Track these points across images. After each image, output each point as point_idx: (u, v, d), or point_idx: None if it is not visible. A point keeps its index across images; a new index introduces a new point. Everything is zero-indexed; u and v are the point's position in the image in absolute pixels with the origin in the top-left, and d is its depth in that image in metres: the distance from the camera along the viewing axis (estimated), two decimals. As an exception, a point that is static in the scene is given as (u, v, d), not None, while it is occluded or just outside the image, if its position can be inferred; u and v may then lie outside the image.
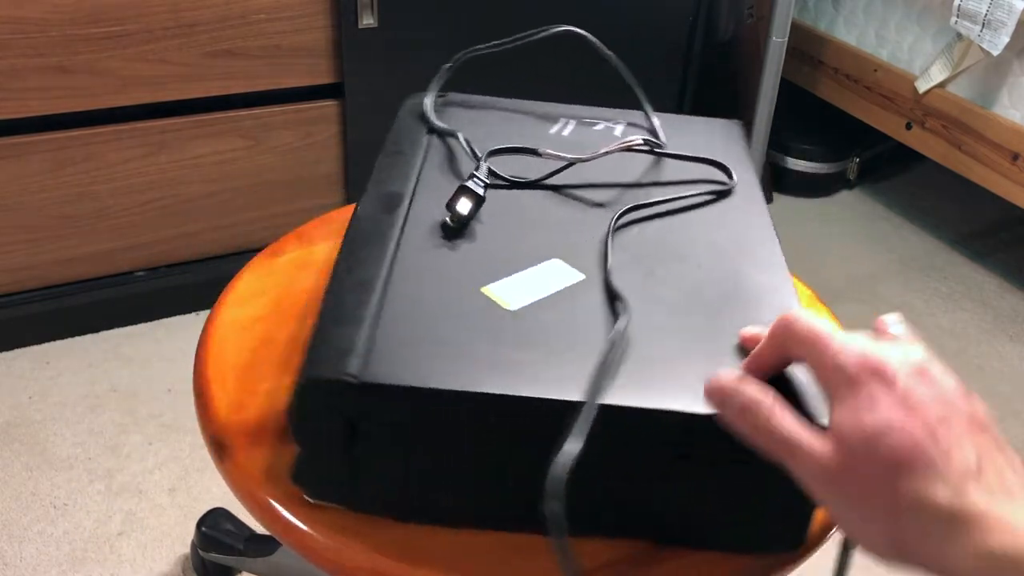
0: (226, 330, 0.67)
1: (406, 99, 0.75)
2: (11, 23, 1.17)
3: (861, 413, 0.40)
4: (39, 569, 1.07)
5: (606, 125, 0.75)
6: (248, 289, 0.71)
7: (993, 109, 1.58)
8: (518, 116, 0.75)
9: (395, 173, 0.64)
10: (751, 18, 1.85)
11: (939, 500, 0.37)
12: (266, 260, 0.74)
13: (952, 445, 0.38)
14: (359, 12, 1.32)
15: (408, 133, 0.70)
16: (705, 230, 0.62)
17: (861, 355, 0.41)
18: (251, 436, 0.58)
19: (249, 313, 0.68)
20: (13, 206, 1.29)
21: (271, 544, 0.99)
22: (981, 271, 1.78)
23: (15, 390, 1.32)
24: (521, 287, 0.55)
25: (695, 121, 0.78)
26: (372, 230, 0.58)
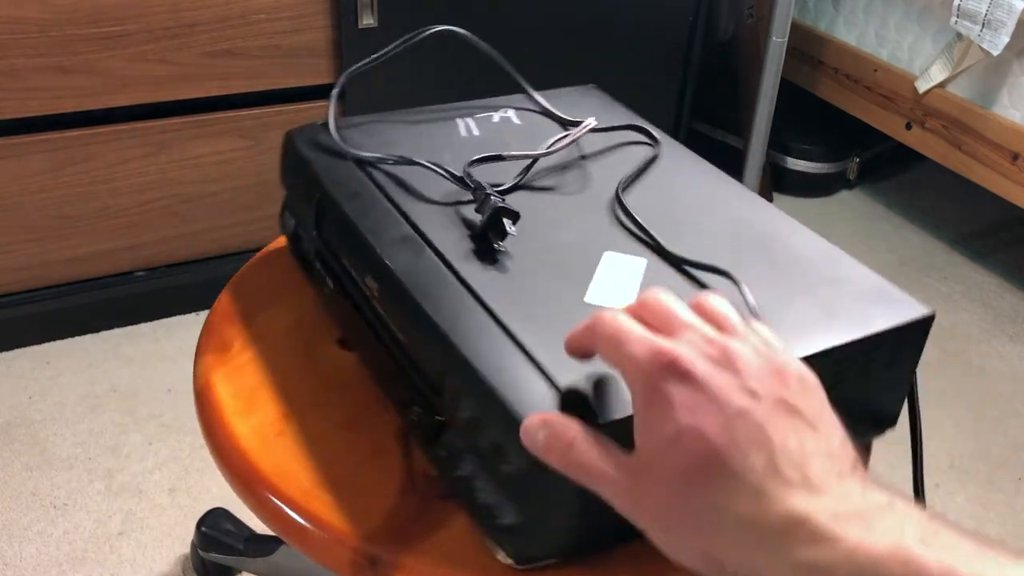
0: (227, 327, 0.67)
1: (292, 135, 0.68)
2: (11, 23, 1.17)
3: (654, 422, 0.37)
4: (39, 569, 1.07)
5: (501, 115, 0.75)
6: (248, 288, 0.71)
7: (993, 109, 1.58)
8: (416, 126, 0.71)
9: (378, 217, 0.59)
10: (751, 18, 1.84)
11: (740, 509, 0.35)
12: (266, 260, 0.74)
13: (751, 442, 0.36)
14: (359, 12, 1.32)
15: (335, 171, 0.63)
16: (677, 183, 0.66)
17: (654, 353, 0.38)
18: (251, 435, 0.58)
19: (251, 310, 0.68)
20: (13, 206, 1.29)
21: (271, 544, 0.99)
22: (981, 271, 1.78)
23: (15, 390, 1.32)
24: (610, 288, 0.54)
25: (561, 93, 0.80)
26: (429, 282, 0.53)
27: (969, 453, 1.33)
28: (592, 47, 1.55)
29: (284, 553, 0.96)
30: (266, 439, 0.57)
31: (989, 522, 1.23)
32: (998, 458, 1.33)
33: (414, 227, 0.58)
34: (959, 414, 1.40)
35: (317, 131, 0.68)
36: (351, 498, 0.53)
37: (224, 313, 0.68)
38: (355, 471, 0.55)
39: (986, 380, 1.47)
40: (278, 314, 0.67)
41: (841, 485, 0.36)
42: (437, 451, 0.53)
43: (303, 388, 0.61)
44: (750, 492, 0.35)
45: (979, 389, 1.45)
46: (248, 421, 0.59)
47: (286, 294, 0.69)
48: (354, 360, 0.63)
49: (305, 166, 0.64)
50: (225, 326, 0.67)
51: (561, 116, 0.74)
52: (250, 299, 0.69)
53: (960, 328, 1.59)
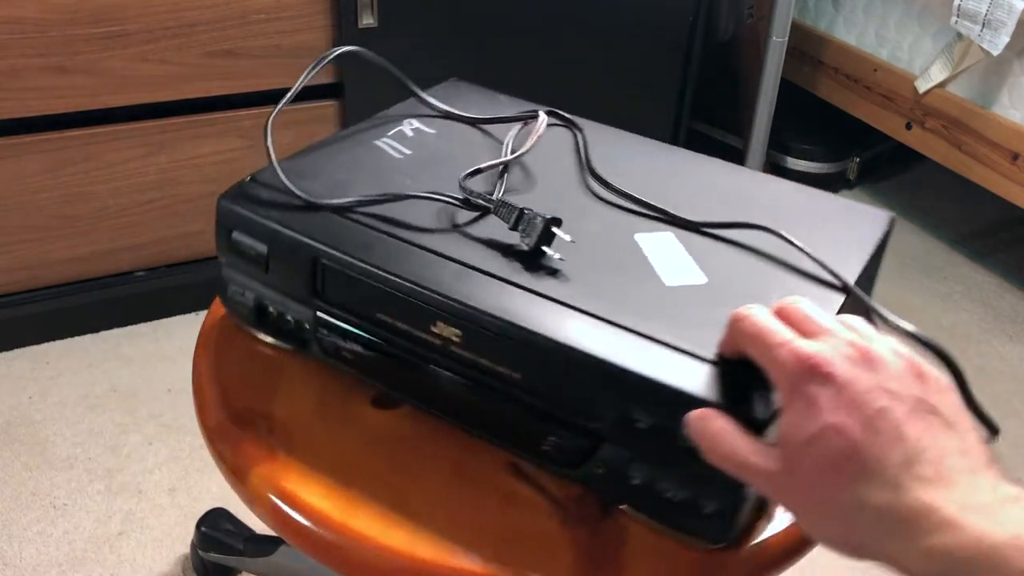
0: (226, 327, 0.67)
1: (228, 203, 0.60)
2: (11, 23, 1.17)
3: (799, 420, 0.40)
4: (39, 569, 1.07)
5: (410, 127, 0.72)
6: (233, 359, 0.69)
7: (993, 109, 1.58)
8: (344, 159, 0.66)
9: (410, 260, 0.55)
10: (751, 18, 1.84)
11: (878, 501, 0.38)
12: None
13: (890, 439, 0.39)
14: (359, 12, 1.32)
15: (315, 227, 0.58)
16: (629, 156, 0.69)
17: (797, 356, 0.41)
18: (251, 434, 0.58)
19: (248, 394, 0.67)
20: (13, 206, 1.29)
21: (271, 544, 0.99)
22: (981, 271, 1.78)
23: (15, 390, 1.32)
24: (673, 267, 0.57)
25: (436, 91, 0.79)
26: (523, 308, 0.52)
27: (969, 453, 1.33)
28: (592, 47, 1.55)
29: (284, 553, 0.96)
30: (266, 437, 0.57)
31: (989, 522, 1.23)
32: (998, 458, 1.33)
33: (455, 261, 0.55)
34: (959, 414, 1.40)
35: (253, 189, 0.61)
36: (498, 547, 0.52)
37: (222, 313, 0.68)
38: (485, 518, 0.53)
39: (986, 380, 1.47)
40: (284, 388, 0.62)
41: (973, 480, 0.38)
42: (591, 470, 0.53)
43: (362, 456, 0.57)
44: (887, 485, 0.38)
45: (979, 389, 1.45)
46: (248, 419, 0.59)
47: (275, 365, 0.64)
48: (401, 415, 0.59)
49: (270, 231, 0.58)
50: (224, 326, 0.67)
51: (464, 115, 0.73)
52: (236, 370, 0.64)
53: (960, 328, 1.59)
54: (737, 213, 0.61)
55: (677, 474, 0.50)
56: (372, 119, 0.72)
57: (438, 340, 0.54)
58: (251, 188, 0.61)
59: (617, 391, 0.49)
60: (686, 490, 0.50)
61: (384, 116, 0.73)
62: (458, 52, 1.44)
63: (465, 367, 0.54)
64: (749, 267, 0.58)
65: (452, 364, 0.55)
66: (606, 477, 0.52)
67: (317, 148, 0.67)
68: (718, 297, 0.54)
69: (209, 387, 0.62)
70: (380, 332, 0.57)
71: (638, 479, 0.51)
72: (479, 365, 0.53)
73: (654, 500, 0.51)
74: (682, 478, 0.49)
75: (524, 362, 0.52)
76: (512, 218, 0.56)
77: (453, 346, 0.53)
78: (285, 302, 0.61)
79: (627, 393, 0.48)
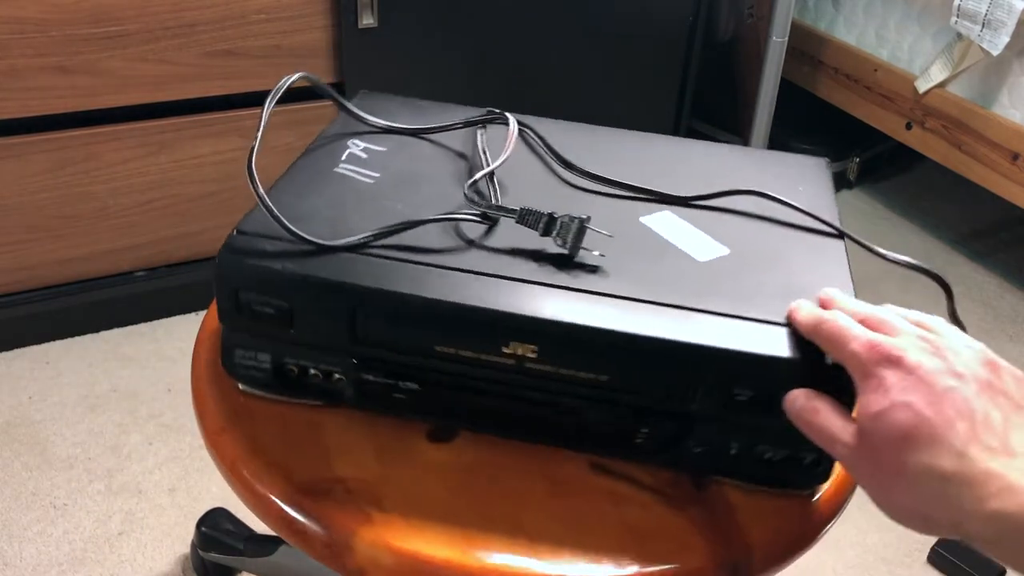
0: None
1: (229, 263, 0.54)
2: (11, 23, 1.17)
3: (872, 398, 0.44)
4: (39, 569, 1.07)
5: (360, 145, 0.70)
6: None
7: (993, 109, 1.58)
8: (321, 191, 0.62)
9: (455, 286, 0.54)
10: (751, 18, 1.84)
11: (944, 467, 0.41)
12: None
13: (956, 413, 0.42)
14: (359, 12, 1.32)
15: (340, 270, 0.54)
16: (585, 143, 0.71)
17: (869, 343, 0.46)
18: (251, 434, 0.58)
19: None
20: (13, 206, 1.29)
21: (271, 544, 0.99)
22: (981, 271, 1.78)
23: (15, 390, 1.32)
24: (693, 244, 0.60)
25: (354, 104, 0.75)
26: (595, 310, 0.53)
27: (969, 453, 1.33)
28: (592, 47, 1.55)
29: (284, 553, 0.96)
30: (266, 437, 0.57)
31: (989, 522, 1.23)
32: None
33: (508, 278, 0.54)
34: (959, 414, 1.40)
35: (246, 243, 0.55)
36: (629, 545, 0.53)
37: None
38: (602, 521, 0.54)
39: (986, 380, 1.47)
40: (335, 447, 0.58)
41: None
42: (688, 451, 0.55)
43: (450, 493, 0.55)
44: (952, 454, 0.41)
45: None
46: (247, 419, 0.58)
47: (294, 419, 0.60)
48: (462, 444, 0.58)
49: (295, 282, 0.53)
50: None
51: (406, 128, 0.71)
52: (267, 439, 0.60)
53: (960, 328, 1.59)
54: (708, 181, 0.66)
55: (776, 436, 0.53)
56: (314, 145, 0.68)
57: (511, 360, 0.53)
58: (244, 242, 0.55)
59: (716, 372, 0.51)
60: (785, 448, 0.54)
61: (324, 139, 0.69)
62: (458, 52, 1.44)
63: (541, 381, 0.54)
64: (753, 230, 0.63)
65: (526, 381, 0.54)
66: (703, 454, 0.55)
67: (282, 188, 0.62)
68: (748, 264, 0.59)
69: (208, 389, 0.62)
70: (440, 364, 0.55)
71: (736, 448, 0.54)
72: (558, 376, 0.53)
73: (752, 464, 0.55)
74: (781, 438, 0.53)
75: (611, 364, 0.53)
76: (541, 224, 0.57)
77: (528, 363, 0.53)
78: (313, 357, 0.57)
79: (728, 372, 0.51)
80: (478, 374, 0.55)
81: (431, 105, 0.75)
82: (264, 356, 0.57)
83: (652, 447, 0.55)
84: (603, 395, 0.54)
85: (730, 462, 0.55)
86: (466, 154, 0.68)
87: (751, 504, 0.56)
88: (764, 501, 0.56)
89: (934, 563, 1.16)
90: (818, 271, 0.59)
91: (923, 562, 1.16)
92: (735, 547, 0.53)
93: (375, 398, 0.57)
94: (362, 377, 0.57)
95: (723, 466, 0.56)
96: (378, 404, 0.58)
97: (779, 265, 0.59)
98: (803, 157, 0.74)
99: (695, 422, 0.54)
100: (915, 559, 1.17)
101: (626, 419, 0.55)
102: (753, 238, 0.62)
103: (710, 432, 0.54)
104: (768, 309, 0.53)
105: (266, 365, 0.58)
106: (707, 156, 0.73)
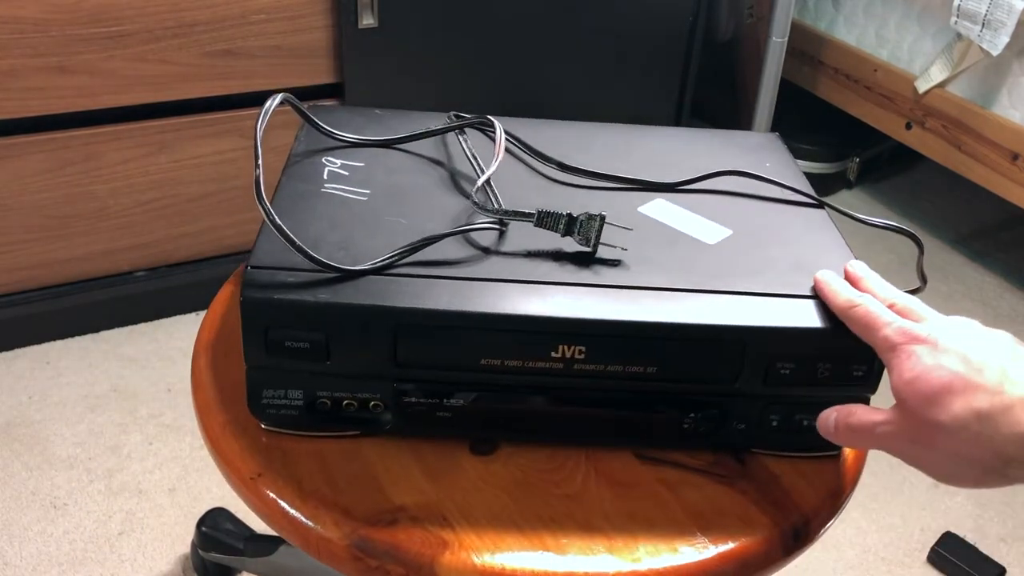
0: (224, 328, 0.67)
1: (258, 301, 0.52)
2: (11, 23, 1.17)
3: (905, 366, 0.48)
4: (39, 569, 1.07)
5: (336, 161, 0.68)
6: None
7: (993, 109, 1.58)
8: (314, 212, 0.60)
9: (496, 297, 0.54)
10: (751, 18, 1.84)
11: (981, 406, 0.45)
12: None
13: (984, 363, 0.46)
14: (359, 12, 1.32)
15: (375, 294, 0.53)
16: (559, 139, 0.72)
17: (900, 329, 0.50)
18: (292, 475, 0.56)
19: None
20: (13, 206, 1.29)
21: (271, 544, 0.99)
22: (981, 271, 1.78)
23: (15, 390, 1.32)
24: (695, 228, 0.62)
25: (316, 112, 0.74)
26: (637, 307, 0.54)
27: (969, 453, 1.33)
28: (592, 47, 1.55)
29: (284, 553, 0.96)
30: (265, 436, 0.57)
31: (988, 521, 1.23)
32: None
33: (535, 283, 0.55)
34: (959, 414, 1.40)
35: (264, 277, 0.53)
36: (696, 527, 0.55)
37: (221, 312, 0.68)
38: (666, 509, 0.56)
39: (986, 380, 1.47)
40: (383, 475, 0.57)
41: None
42: (732, 429, 0.58)
43: (514, 504, 0.55)
44: (988, 394, 0.45)
45: (979, 389, 1.45)
46: (247, 418, 0.58)
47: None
48: (506, 453, 0.59)
49: (332, 312, 0.52)
50: (222, 325, 0.66)
51: (376, 140, 0.70)
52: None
53: (960, 328, 1.59)
54: (681, 165, 0.69)
55: (813, 403, 0.56)
56: (289, 165, 0.66)
57: (560, 364, 0.54)
58: (262, 277, 0.53)
59: (762, 349, 0.54)
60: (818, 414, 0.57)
61: (296, 158, 0.67)
62: (458, 53, 1.44)
63: (590, 380, 0.55)
64: (744, 209, 0.66)
65: (574, 382, 0.55)
66: (745, 430, 0.58)
67: (277, 215, 0.58)
68: (754, 242, 0.61)
69: (209, 389, 0.62)
70: (485, 377, 0.55)
71: (776, 420, 0.57)
72: (606, 373, 0.54)
73: (791, 433, 0.58)
74: (817, 405, 0.55)
75: (659, 355, 0.54)
76: (561, 225, 0.57)
77: (576, 364, 0.54)
78: (349, 387, 0.55)
79: (772, 348, 0.54)
80: (524, 382, 0.55)
81: (389, 114, 0.74)
82: (296, 393, 0.55)
83: (701, 431, 0.58)
84: (652, 386, 0.56)
85: (770, 434, 0.58)
86: (443, 161, 0.68)
87: (791, 470, 0.59)
88: (801, 466, 0.59)
89: (934, 563, 1.16)
90: (817, 242, 0.63)
91: (923, 562, 1.16)
92: (791, 512, 0.57)
93: (417, 420, 0.57)
94: (404, 401, 0.56)
95: (764, 439, 0.59)
96: (420, 426, 0.57)
97: (780, 239, 0.62)
98: (755, 134, 0.78)
99: (739, 400, 0.57)
100: (915, 559, 1.17)
101: (675, 407, 0.57)
102: (746, 216, 0.65)
103: (752, 408, 0.57)
104: (791, 283, 0.57)
105: (298, 402, 0.56)
106: (669, 140, 0.75)
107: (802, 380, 0.55)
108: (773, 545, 0.55)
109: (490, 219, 0.59)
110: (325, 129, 0.70)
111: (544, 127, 0.74)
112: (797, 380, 0.55)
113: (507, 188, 0.64)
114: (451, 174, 0.66)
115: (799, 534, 0.56)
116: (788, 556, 0.55)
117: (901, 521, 1.22)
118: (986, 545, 1.19)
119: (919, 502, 1.25)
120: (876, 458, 0.66)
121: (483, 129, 0.72)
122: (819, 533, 0.57)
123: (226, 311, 0.69)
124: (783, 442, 0.59)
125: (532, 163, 0.69)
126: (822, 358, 0.55)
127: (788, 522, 0.56)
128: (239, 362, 0.63)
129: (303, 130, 0.70)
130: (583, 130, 0.75)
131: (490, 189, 0.63)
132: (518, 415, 0.57)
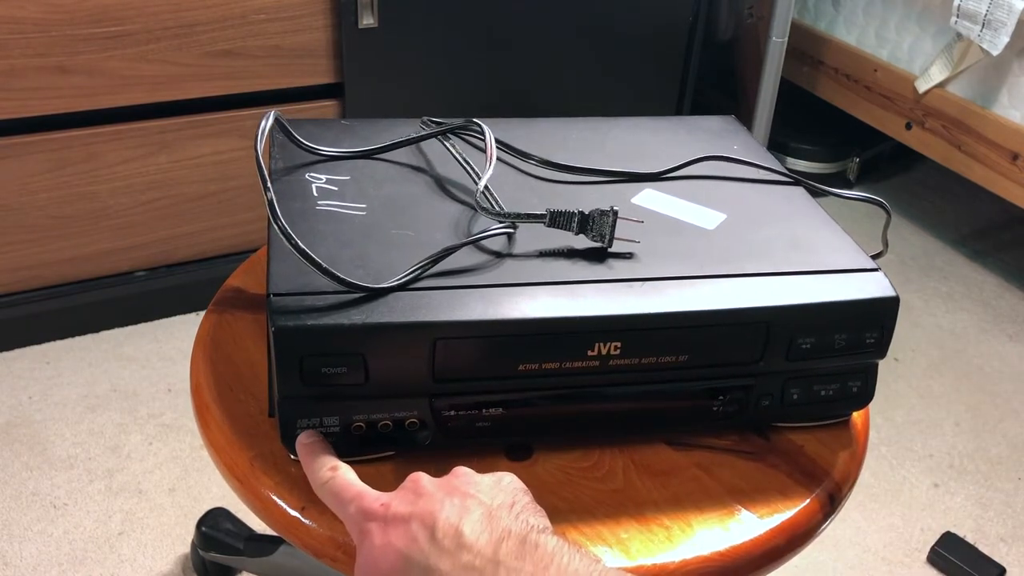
0: (223, 329, 0.67)
1: (292, 329, 0.50)
2: (11, 23, 1.17)
3: (361, 559, 0.46)
4: (39, 569, 1.07)
5: (322, 177, 0.65)
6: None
7: (993, 109, 1.58)
8: (321, 227, 0.59)
9: (526, 302, 0.54)
10: (751, 18, 1.85)
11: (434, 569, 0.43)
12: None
13: (420, 535, 0.44)
14: (359, 12, 1.32)
15: (409, 309, 0.52)
16: (538, 136, 0.73)
17: (360, 508, 0.47)
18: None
19: (246, 312, 0.68)
20: (13, 206, 1.29)
21: (271, 544, 0.99)
22: (981, 271, 1.78)
23: (15, 390, 1.32)
24: (692, 215, 0.64)
25: (301, 124, 0.71)
26: (661, 300, 0.55)
27: (968, 453, 1.33)
28: (592, 47, 1.55)
29: (284, 553, 0.96)
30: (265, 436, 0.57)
31: (988, 522, 1.23)
32: (997, 457, 1.33)
33: (563, 283, 0.55)
34: (959, 414, 1.40)
35: (290, 303, 0.51)
36: (740, 505, 0.57)
37: (220, 312, 0.68)
38: (709, 492, 0.57)
39: (985, 380, 1.47)
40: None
41: (492, 545, 0.43)
42: (757, 406, 0.60)
43: (562, 504, 0.55)
44: (421, 570, 0.44)
45: (979, 389, 1.45)
46: (247, 418, 0.58)
47: None
48: (543, 455, 0.58)
49: (370, 332, 0.51)
50: (222, 325, 0.66)
51: (354, 152, 0.68)
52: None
53: (960, 328, 1.59)
54: (657, 153, 0.71)
55: (830, 374, 0.59)
56: (273, 183, 0.60)
57: (596, 362, 0.54)
58: (289, 305, 0.51)
59: (786, 327, 0.56)
60: (836, 383, 0.60)
61: (276, 175, 0.64)
62: (458, 53, 1.44)
63: (625, 374, 0.56)
64: (729, 192, 0.67)
65: (610, 378, 0.56)
66: (769, 406, 0.60)
67: (278, 239, 0.55)
68: (750, 223, 0.63)
69: (209, 389, 0.62)
70: (523, 383, 0.55)
71: (797, 394, 0.59)
72: (640, 366, 0.55)
73: (810, 404, 0.60)
74: (833, 376, 0.59)
75: (689, 343, 0.56)
76: (574, 223, 0.58)
77: (612, 360, 0.54)
78: (385, 408, 0.54)
79: (796, 325, 0.56)
80: (562, 383, 0.56)
81: (358, 123, 0.72)
82: (332, 420, 0.54)
83: (729, 412, 0.59)
84: (684, 374, 0.57)
85: (791, 408, 0.60)
86: (426, 168, 0.67)
87: (811, 439, 0.62)
88: (819, 433, 0.62)
89: (934, 563, 1.16)
90: (804, 218, 0.65)
91: (923, 562, 1.16)
92: (821, 478, 0.59)
93: (456, 433, 0.56)
94: (443, 415, 0.55)
95: (785, 413, 0.61)
96: (458, 438, 0.56)
97: (772, 219, 0.64)
98: (713, 118, 0.81)
99: (764, 378, 0.58)
100: (915, 559, 1.17)
101: (706, 391, 0.59)
102: (734, 199, 0.66)
103: (775, 384, 0.59)
104: (797, 261, 0.59)
105: (335, 428, 0.54)
106: (636, 130, 0.76)
107: (820, 352, 0.57)
108: (814, 512, 0.57)
109: (503, 223, 0.58)
110: (306, 145, 0.67)
111: (515, 125, 0.74)
112: (816, 353, 0.57)
113: (498, 189, 0.64)
114: (438, 180, 0.66)
115: (833, 498, 0.58)
116: (826, 520, 0.58)
117: (901, 521, 1.22)
118: (986, 545, 1.19)
119: (919, 502, 1.25)
120: (876, 458, 0.66)
121: (461, 134, 0.71)
122: (849, 494, 0.60)
123: (226, 311, 0.69)
124: (804, 414, 0.62)
125: (513, 162, 0.69)
126: (839, 329, 0.57)
127: (822, 488, 0.58)
128: (239, 362, 0.63)
129: (277, 147, 0.67)
130: (553, 126, 0.75)
131: (489, 193, 0.63)
132: (556, 417, 0.58)
